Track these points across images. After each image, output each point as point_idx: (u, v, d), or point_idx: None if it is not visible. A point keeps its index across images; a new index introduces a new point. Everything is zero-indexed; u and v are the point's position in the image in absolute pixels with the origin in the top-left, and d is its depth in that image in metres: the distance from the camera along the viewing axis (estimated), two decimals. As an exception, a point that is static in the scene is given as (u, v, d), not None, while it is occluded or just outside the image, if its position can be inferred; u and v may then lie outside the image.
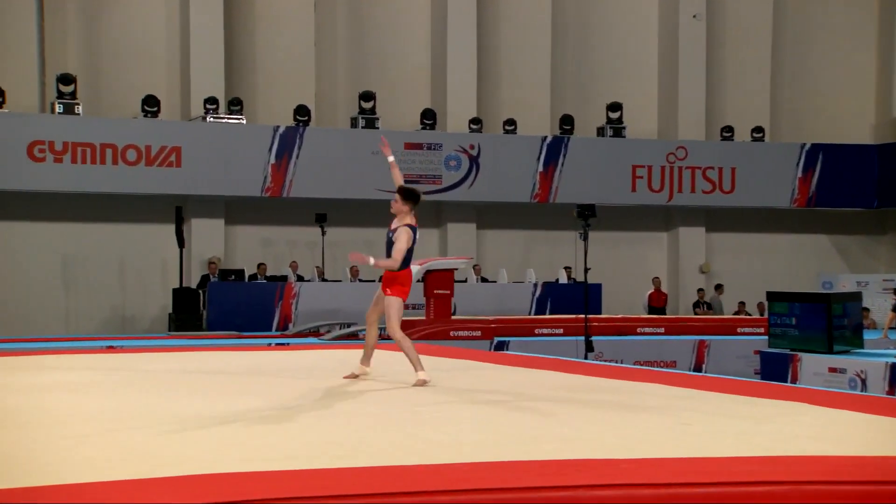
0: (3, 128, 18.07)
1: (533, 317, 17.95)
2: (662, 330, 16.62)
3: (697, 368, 15.32)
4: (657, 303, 20.31)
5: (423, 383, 7.23)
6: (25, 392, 6.73)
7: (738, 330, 16.79)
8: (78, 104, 18.69)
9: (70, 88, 18.68)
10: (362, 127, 20.42)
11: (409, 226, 7.43)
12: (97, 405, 6.10)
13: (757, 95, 23.47)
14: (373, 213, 20.72)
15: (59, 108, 18.54)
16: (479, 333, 15.32)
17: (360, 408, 6.11)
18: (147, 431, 5.06)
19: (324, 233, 19.20)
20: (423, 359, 7.54)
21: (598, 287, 18.53)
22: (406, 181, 8.20)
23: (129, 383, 7.31)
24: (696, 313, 21.01)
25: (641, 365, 13.72)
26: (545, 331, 15.83)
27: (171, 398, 6.46)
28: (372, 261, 7.12)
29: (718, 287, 21.67)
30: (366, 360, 7.84)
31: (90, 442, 4.82)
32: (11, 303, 18.73)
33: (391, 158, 7.80)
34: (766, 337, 12.97)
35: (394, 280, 7.38)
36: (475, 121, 21.27)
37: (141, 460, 4.36)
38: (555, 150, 21.12)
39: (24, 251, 18.91)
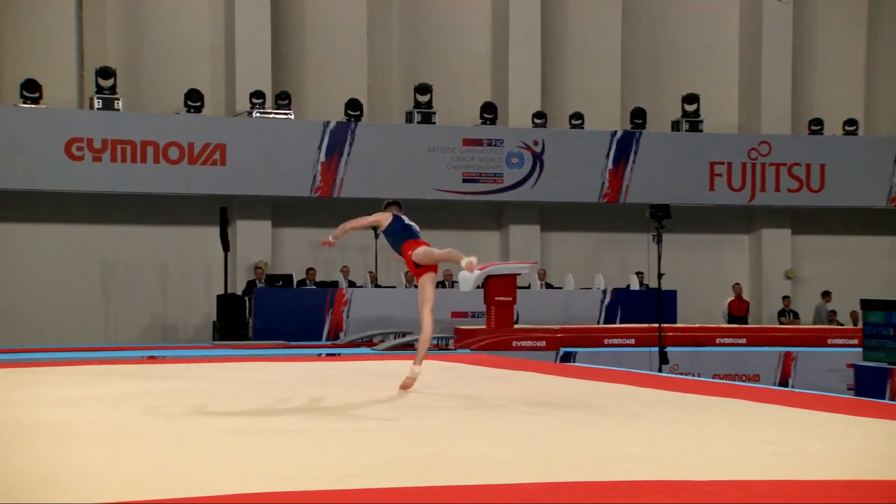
0: (40, 125, 18.41)
1: (602, 326, 17.89)
2: (744, 341, 16.43)
3: (783, 383, 15.13)
4: (738, 311, 20.08)
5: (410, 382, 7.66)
6: (65, 405, 6.83)
7: (829, 341, 16.52)
8: (118, 99, 19.00)
9: (109, 83, 19.00)
10: (418, 122, 20.46)
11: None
12: (137, 419, 6.16)
13: (849, 85, 23.07)
14: (429, 214, 20.70)
15: (97, 104, 18.86)
16: (543, 344, 15.28)
17: (413, 422, 6.10)
18: (190, 447, 5.10)
19: (377, 235, 19.22)
20: (483, 370, 7.49)
21: (672, 294, 18.38)
22: (465, 179, 8.47)
23: (171, 396, 7.38)
24: (781, 322, 20.73)
25: (721, 379, 13.59)
26: (615, 341, 15.76)
27: (214, 412, 6.50)
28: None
29: (826, 294, 21.25)
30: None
31: (130, 458, 4.87)
32: (48, 310, 19.04)
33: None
34: (861, 349, 12.74)
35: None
36: (539, 115, 21.20)
37: (184, 478, 4.39)
38: (625, 146, 20.98)
39: (60, 255, 19.22)
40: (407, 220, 8.20)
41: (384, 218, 8.26)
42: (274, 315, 17.59)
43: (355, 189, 19.73)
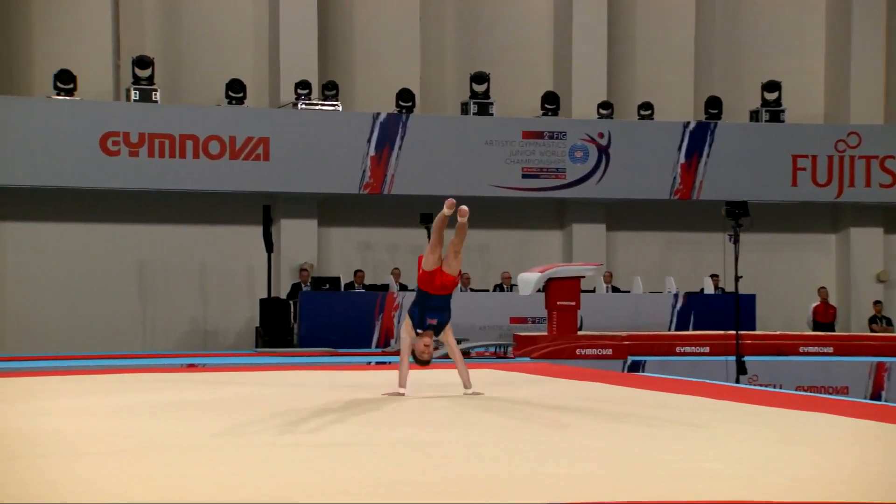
0: (74, 118, 18.68)
1: (673, 333, 17.78)
2: (830, 350, 16.27)
3: (875, 396, 14.92)
4: (824, 317, 19.87)
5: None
6: (103, 415, 6.91)
7: (926, 351, 16.29)
8: (155, 90, 19.21)
9: (147, 73, 19.22)
10: (474, 113, 20.46)
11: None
12: (178, 429, 6.22)
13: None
14: (487, 212, 20.75)
15: (134, 96, 19.09)
16: (609, 352, 15.28)
17: (474, 437, 6.07)
18: (233, 461, 5.13)
19: (430, 235, 19.19)
20: (543, 380, 7.45)
21: (751, 298, 18.26)
22: (524, 175, 8.64)
23: (212, 406, 7.44)
24: (872, 330, 20.45)
25: (805, 391, 13.44)
26: (688, 349, 15.71)
27: (257, 423, 6.54)
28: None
29: None
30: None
31: (172, 470, 4.90)
32: (81, 315, 19.26)
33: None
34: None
35: None
36: (605, 105, 21.09)
37: (228, 492, 4.40)
38: (699, 138, 20.81)
39: (94, 256, 19.46)
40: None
41: (407, 328, 8.32)
42: (320, 320, 17.68)
43: (407, 185, 19.77)
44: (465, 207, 8.12)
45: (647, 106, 21.25)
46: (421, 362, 8.27)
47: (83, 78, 19.26)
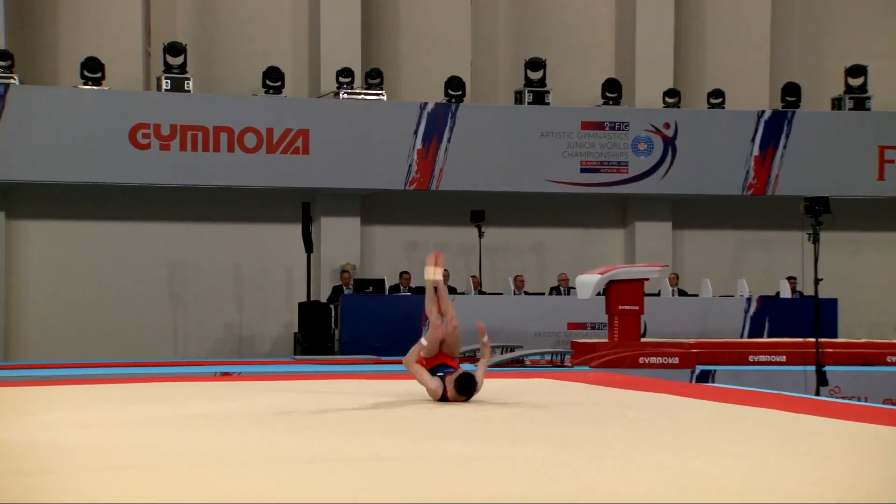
0: (102, 108, 18.85)
1: (746, 340, 17.69)
2: (920, 359, 16.03)
3: (971, 411, 14.61)
4: (913, 324, 19.61)
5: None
6: (132, 427, 6.90)
7: None
8: (188, 79, 19.33)
9: (179, 60, 19.34)
10: (529, 102, 20.42)
11: None
12: (214, 443, 6.19)
13: None
14: (541, 209, 20.75)
15: (165, 85, 19.23)
16: (675, 360, 15.27)
17: (527, 451, 5.98)
18: (273, 478, 5.09)
19: (481, 234, 19.21)
20: (604, 391, 7.35)
21: (832, 303, 18.10)
22: (583, 169, 8.81)
23: (247, 418, 7.43)
24: (968, 338, 20.12)
25: (893, 404, 13.20)
26: (762, 358, 15.64)
27: (296, 435, 6.50)
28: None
29: None
30: None
31: (209, 485, 4.87)
32: (108, 319, 19.46)
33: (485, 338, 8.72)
34: None
35: None
36: (671, 93, 20.95)
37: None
38: (775, 129, 20.62)
39: (122, 257, 19.65)
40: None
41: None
42: (364, 326, 17.69)
43: (456, 180, 19.81)
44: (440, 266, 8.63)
45: (717, 93, 21.09)
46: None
47: (111, 66, 19.43)
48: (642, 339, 16.04)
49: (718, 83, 21.39)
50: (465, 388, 8.09)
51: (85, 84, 19.03)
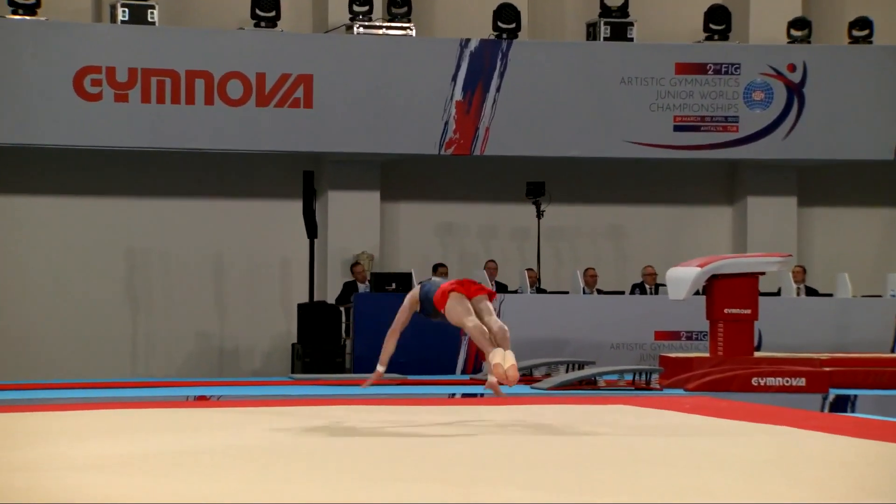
0: (38, 47, 18.76)
1: (897, 356, 17.66)
2: None
3: None
4: None
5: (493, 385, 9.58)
6: (90, 469, 6.83)
7: None
8: (152, 7, 19.27)
9: (141, -15, 19.34)
10: (605, 38, 20.41)
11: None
12: (184, 490, 6.09)
13: None
14: (622, 181, 20.65)
15: (122, 15, 19.15)
16: (802, 382, 15.11)
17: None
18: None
19: (540, 214, 19.11)
20: (706, 423, 7.20)
21: None
22: (678, 127, 9.82)
23: (229, 458, 7.40)
24: None
25: None
26: (921, 379, 15.57)
27: (293, 481, 6.44)
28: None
29: None
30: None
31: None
32: (51, 325, 19.47)
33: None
34: None
35: None
36: (799, 23, 20.83)
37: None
38: (940, 70, 20.52)
39: (67, 242, 19.67)
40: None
41: (414, 292, 9.85)
42: (384, 335, 17.50)
43: (507, 143, 19.86)
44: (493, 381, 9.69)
45: (861, 23, 20.92)
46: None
47: (53, -9, 19.47)
48: (756, 354, 16.00)
49: (862, 10, 21.23)
50: None
51: (14, 14, 19.00)
